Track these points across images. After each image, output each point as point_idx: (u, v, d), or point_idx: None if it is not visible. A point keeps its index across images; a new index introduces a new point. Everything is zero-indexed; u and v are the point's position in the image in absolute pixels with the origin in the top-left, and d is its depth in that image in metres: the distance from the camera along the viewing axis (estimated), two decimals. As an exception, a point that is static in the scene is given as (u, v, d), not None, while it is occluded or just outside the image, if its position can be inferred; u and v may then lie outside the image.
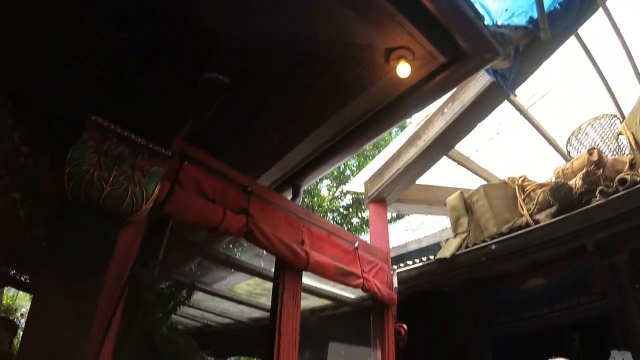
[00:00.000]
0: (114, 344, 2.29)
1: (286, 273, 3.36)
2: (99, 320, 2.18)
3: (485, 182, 5.52)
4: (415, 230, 8.71)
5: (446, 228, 6.85)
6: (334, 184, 15.41)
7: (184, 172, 2.69)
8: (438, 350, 5.56)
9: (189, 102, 2.80)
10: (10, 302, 10.40)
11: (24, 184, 2.82)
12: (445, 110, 4.44)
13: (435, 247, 6.39)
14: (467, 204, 5.09)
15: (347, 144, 3.74)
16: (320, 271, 3.57)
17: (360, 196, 14.07)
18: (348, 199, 15.25)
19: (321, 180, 15.10)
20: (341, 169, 14.95)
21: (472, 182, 5.65)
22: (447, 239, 5.51)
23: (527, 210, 4.54)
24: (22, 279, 6.06)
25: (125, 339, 2.75)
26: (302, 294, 3.54)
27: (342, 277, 3.73)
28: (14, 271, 6.06)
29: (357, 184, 6.05)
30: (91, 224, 2.32)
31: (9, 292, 10.24)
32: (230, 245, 5.62)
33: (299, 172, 4.11)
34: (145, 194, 2.32)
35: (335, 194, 15.29)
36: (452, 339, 5.56)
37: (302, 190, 4.22)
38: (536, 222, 4.31)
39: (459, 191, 5.25)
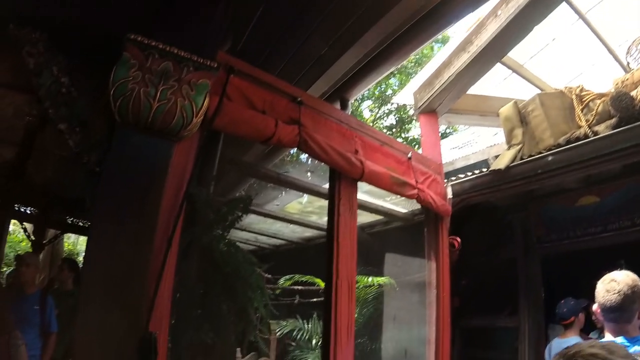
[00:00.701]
0: (176, 260, 2.33)
1: (342, 183, 3.28)
2: (160, 238, 2.19)
3: (540, 92, 5.20)
4: (462, 147, 8.47)
5: (494, 144, 6.62)
6: (376, 105, 15.03)
7: (231, 85, 2.60)
8: (488, 265, 5.58)
9: (228, 14, 2.66)
10: (71, 248, 11.03)
11: (69, 114, 2.81)
12: (499, 13, 4.13)
13: (483, 164, 6.20)
14: (522, 115, 4.83)
15: (395, 51, 3.57)
16: (376, 181, 3.48)
17: (404, 116, 13.74)
18: (391, 120, 14.87)
19: (363, 100, 14.77)
20: (382, 89, 14.51)
21: (526, 93, 5.33)
22: (496, 155, 5.32)
23: (586, 122, 4.28)
24: (80, 224, 6.41)
25: (185, 256, 2.83)
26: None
27: (397, 187, 3.65)
28: (73, 218, 6.39)
29: (405, 95, 5.78)
30: (143, 144, 2.29)
31: (69, 239, 10.83)
32: (277, 172, 5.65)
33: (345, 84, 3.97)
34: (194, 107, 2.27)
35: (378, 115, 14.96)
36: (502, 255, 5.54)
37: (350, 103, 4.09)
38: (595, 133, 4.05)
39: (512, 101, 4.97)
